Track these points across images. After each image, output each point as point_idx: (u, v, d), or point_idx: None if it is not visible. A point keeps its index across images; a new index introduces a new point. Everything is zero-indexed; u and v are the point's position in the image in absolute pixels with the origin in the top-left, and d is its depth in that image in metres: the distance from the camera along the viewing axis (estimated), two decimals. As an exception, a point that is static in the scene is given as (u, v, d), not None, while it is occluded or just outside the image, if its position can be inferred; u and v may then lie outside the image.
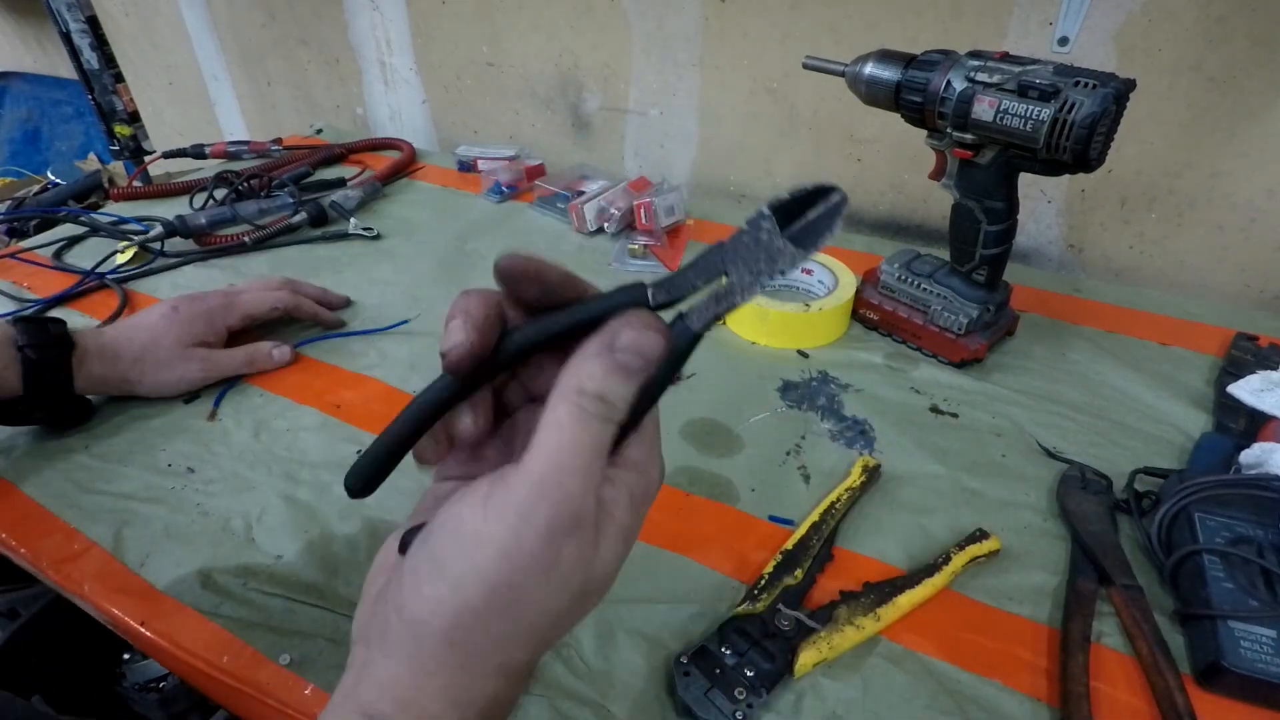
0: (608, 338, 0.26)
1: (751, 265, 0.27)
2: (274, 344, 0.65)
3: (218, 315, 0.63)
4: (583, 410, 0.24)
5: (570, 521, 0.24)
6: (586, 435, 0.24)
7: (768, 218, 0.26)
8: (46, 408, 0.56)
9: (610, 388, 0.25)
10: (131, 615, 0.44)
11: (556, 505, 0.23)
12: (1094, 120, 0.50)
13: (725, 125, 0.99)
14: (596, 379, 0.25)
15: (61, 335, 0.55)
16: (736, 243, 0.27)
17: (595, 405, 0.25)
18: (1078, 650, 0.41)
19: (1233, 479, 0.48)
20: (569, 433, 0.24)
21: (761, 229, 0.26)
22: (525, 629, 0.25)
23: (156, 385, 0.59)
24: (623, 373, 0.25)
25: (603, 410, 0.25)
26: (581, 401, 0.24)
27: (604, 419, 0.25)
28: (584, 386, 0.25)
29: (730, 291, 0.27)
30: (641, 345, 0.26)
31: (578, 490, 0.24)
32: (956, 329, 0.64)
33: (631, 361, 0.25)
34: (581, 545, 0.24)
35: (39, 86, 1.86)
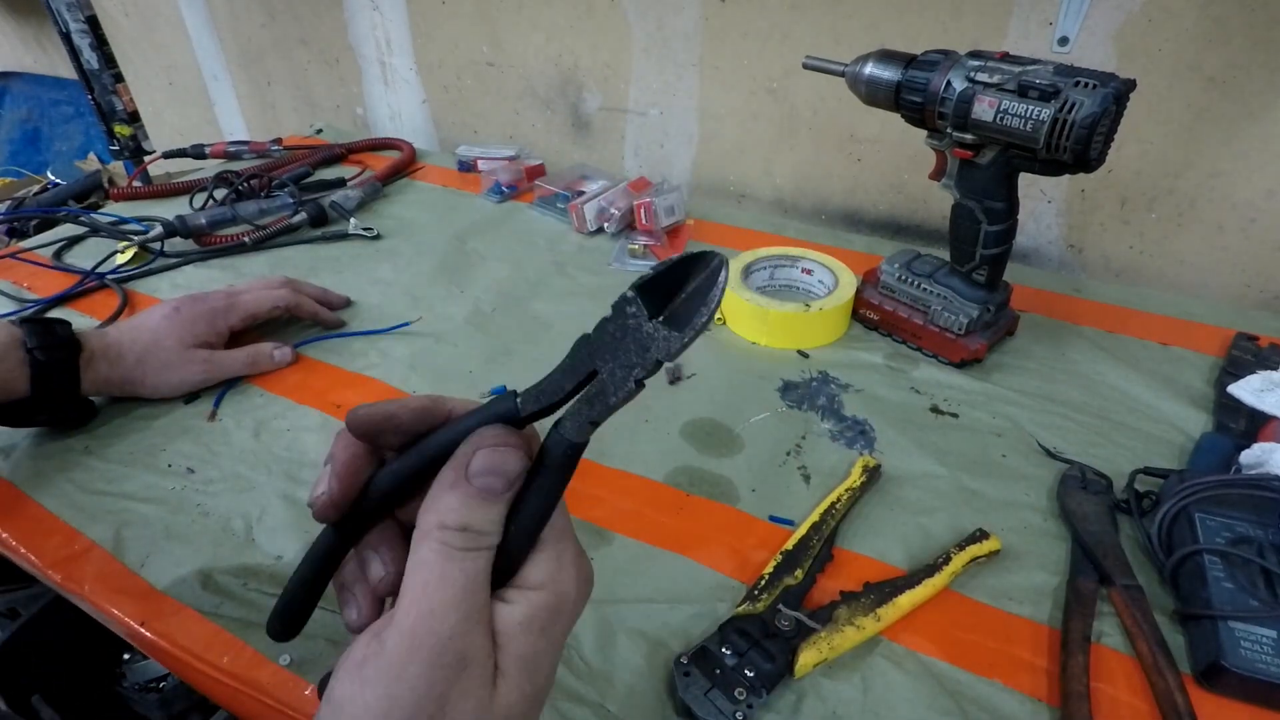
0: (461, 463, 0.24)
1: (622, 359, 0.24)
2: (275, 345, 0.65)
3: (219, 316, 0.63)
4: (446, 546, 0.23)
5: (452, 666, 0.22)
6: (456, 571, 0.23)
7: (632, 301, 0.24)
8: (51, 409, 0.56)
9: (473, 517, 0.24)
10: (132, 615, 0.44)
11: (432, 652, 0.22)
12: (1094, 120, 0.50)
13: (725, 125, 0.99)
14: (456, 510, 0.24)
15: (69, 337, 0.55)
16: (602, 333, 0.24)
17: (460, 538, 0.23)
18: (1078, 650, 0.41)
19: (1233, 479, 0.48)
20: (436, 572, 0.23)
21: (628, 315, 0.24)
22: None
23: (159, 386, 0.59)
24: (483, 498, 0.24)
25: (469, 540, 0.23)
26: (444, 537, 0.23)
27: (472, 549, 0.23)
28: (444, 521, 0.23)
29: (603, 392, 0.24)
30: (498, 465, 0.24)
31: (454, 630, 0.22)
32: (956, 329, 0.64)
33: (491, 484, 0.24)
34: (471, 687, 0.22)
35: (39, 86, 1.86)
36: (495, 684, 0.23)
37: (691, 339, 0.23)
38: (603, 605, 0.45)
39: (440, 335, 0.69)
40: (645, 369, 0.24)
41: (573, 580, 0.26)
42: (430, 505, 0.24)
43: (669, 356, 0.23)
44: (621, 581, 0.46)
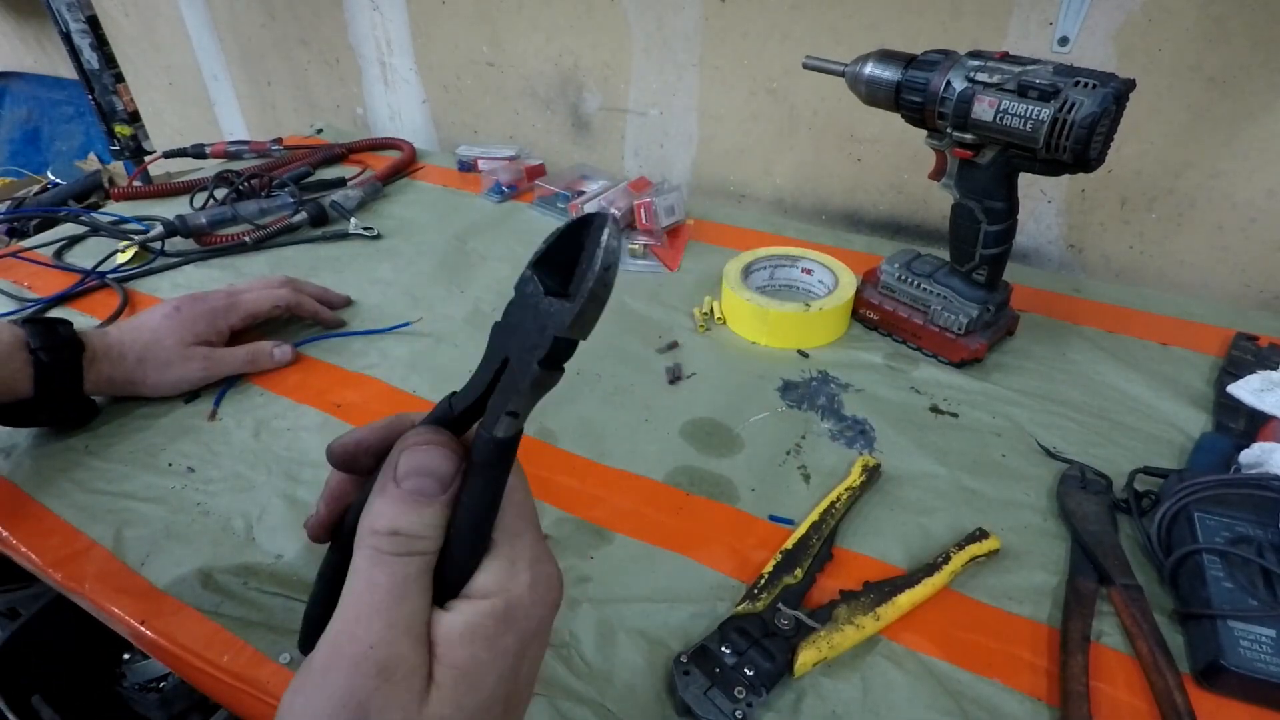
0: (389, 467, 0.24)
1: (525, 339, 0.22)
2: (275, 343, 0.65)
3: (220, 315, 0.63)
4: (375, 551, 0.22)
5: (372, 674, 0.21)
6: (382, 576, 0.22)
7: (529, 279, 0.22)
8: (54, 409, 0.56)
9: (402, 521, 0.23)
10: (132, 614, 0.44)
11: (352, 660, 0.21)
12: (1094, 120, 0.50)
13: (725, 125, 0.99)
14: (385, 515, 0.23)
15: (72, 337, 0.55)
16: (508, 317, 0.23)
17: (388, 543, 0.23)
18: (1077, 650, 0.41)
19: (1233, 479, 0.48)
20: (363, 578, 0.22)
21: (526, 294, 0.23)
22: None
23: (159, 385, 0.59)
24: (413, 500, 0.23)
25: (398, 545, 0.23)
26: (373, 542, 0.23)
27: (403, 554, 0.23)
28: (374, 526, 0.23)
29: (511, 379, 0.23)
30: (424, 465, 0.24)
31: (377, 638, 0.21)
32: (956, 329, 0.64)
33: (421, 485, 0.23)
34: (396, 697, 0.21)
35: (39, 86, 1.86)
36: (426, 695, 0.22)
37: (583, 307, 0.21)
38: (603, 604, 0.45)
39: (440, 335, 0.69)
40: (544, 348, 0.22)
41: (525, 586, 0.24)
42: (364, 512, 0.24)
43: (564, 330, 0.21)
44: (621, 581, 0.46)
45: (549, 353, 0.22)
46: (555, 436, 0.58)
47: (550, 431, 0.58)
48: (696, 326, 0.71)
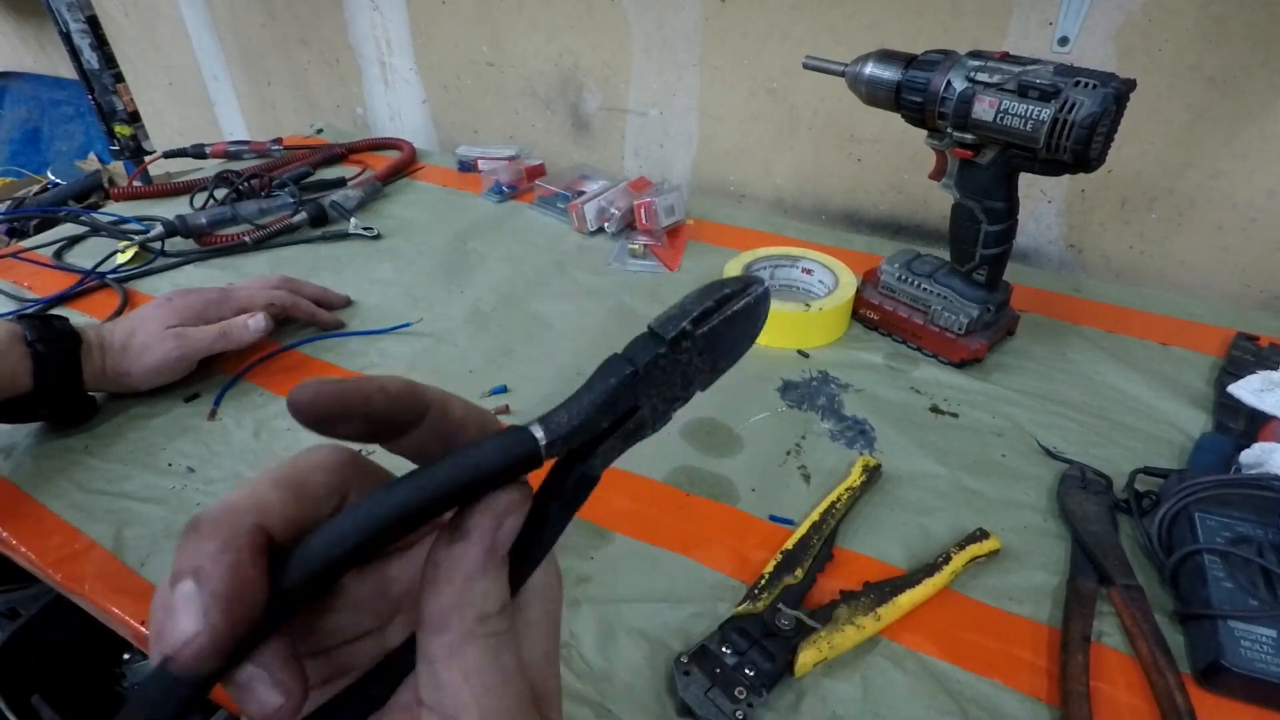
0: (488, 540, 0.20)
1: (666, 393, 0.22)
2: (249, 315, 0.64)
3: (211, 307, 0.63)
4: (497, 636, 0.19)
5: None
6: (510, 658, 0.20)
7: (689, 332, 0.22)
8: (53, 404, 0.56)
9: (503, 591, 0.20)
10: (132, 614, 0.44)
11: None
12: (1094, 120, 0.50)
13: (725, 125, 0.99)
14: (496, 595, 0.20)
15: (69, 331, 0.55)
16: (653, 368, 0.22)
17: (503, 622, 0.20)
18: (1078, 650, 0.41)
19: (1233, 479, 0.48)
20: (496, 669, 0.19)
21: (682, 349, 0.22)
22: None
23: (143, 372, 0.58)
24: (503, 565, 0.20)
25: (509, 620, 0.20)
26: (492, 628, 0.19)
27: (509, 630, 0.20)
28: (488, 611, 0.19)
29: (641, 426, 0.22)
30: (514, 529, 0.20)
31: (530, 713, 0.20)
32: (957, 329, 0.64)
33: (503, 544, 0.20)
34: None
35: (39, 86, 1.86)
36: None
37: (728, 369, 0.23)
38: (603, 605, 0.45)
39: (440, 335, 0.69)
40: (684, 401, 0.23)
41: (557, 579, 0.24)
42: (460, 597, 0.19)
43: (706, 388, 0.23)
44: (622, 581, 0.46)
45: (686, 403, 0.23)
46: (555, 436, 0.58)
47: (550, 431, 0.58)
48: (696, 326, 0.71)
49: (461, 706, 0.19)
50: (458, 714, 0.19)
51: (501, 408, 0.60)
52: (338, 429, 0.19)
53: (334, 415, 0.19)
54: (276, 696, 0.17)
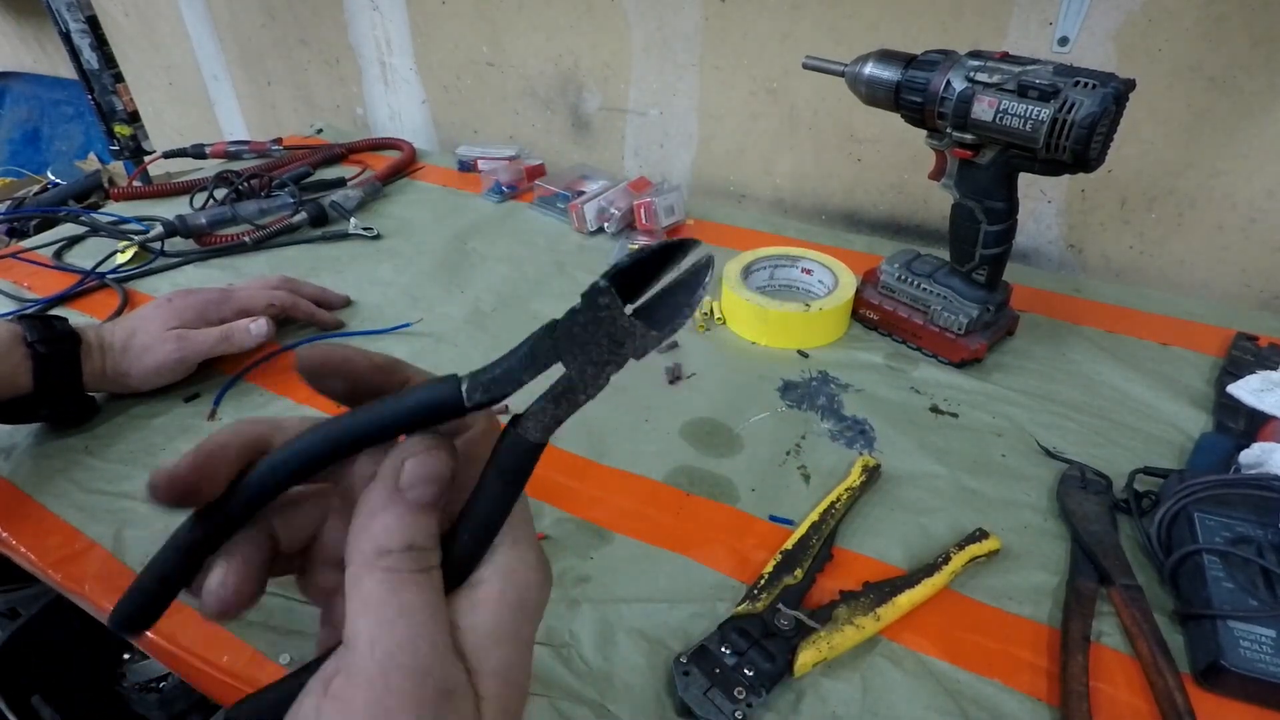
0: (390, 479, 0.22)
1: (593, 354, 0.22)
2: (251, 319, 0.63)
3: (211, 308, 0.62)
4: (395, 572, 0.21)
5: (436, 701, 0.20)
6: (414, 597, 0.20)
7: (606, 291, 0.21)
8: (53, 404, 0.56)
9: (419, 534, 0.21)
10: (132, 615, 0.44)
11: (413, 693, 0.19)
12: (1094, 120, 0.50)
13: (725, 125, 0.99)
14: (398, 530, 0.21)
15: (69, 331, 0.55)
16: (571, 325, 0.22)
17: (409, 560, 0.21)
18: (1077, 650, 0.41)
19: (1232, 479, 0.48)
20: (393, 603, 0.20)
21: (600, 306, 0.21)
22: None
23: (143, 373, 0.58)
24: (421, 510, 0.22)
25: (418, 560, 0.21)
26: (391, 563, 0.21)
27: (426, 568, 0.21)
28: (386, 545, 0.21)
29: (571, 389, 0.22)
30: (431, 472, 0.22)
31: (429, 662, 0.20)
32: (956, 329, 0.64)
33: (425, 494, 0.22)
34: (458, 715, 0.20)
35: (39, 86, 1.86)
36: (480, 711, 0.21)
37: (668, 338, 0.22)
38: (603, 605, 0.45)
39: (440, 335, 0.69)
40: (618, 365, 0.22)
41: (534, 568, 0.24)
42: (362, 531, 0.21)
43: (646, 351, 0.22)
44: (621, 581, 0.46)
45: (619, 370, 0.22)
46: (555, 437, 0.58)
47: (550, 431, 0.58)
48: (696, 326, 0.71)
49: (355, 633, 0.20)
50: (353, 641, 0.20)
51: (501, 407, 0.60)
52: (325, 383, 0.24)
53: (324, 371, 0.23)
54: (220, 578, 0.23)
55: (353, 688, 0.19)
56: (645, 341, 0.22)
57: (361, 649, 0.20)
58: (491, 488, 0.23)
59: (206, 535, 0.24)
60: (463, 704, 0.20)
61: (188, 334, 0.60)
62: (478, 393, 0.22)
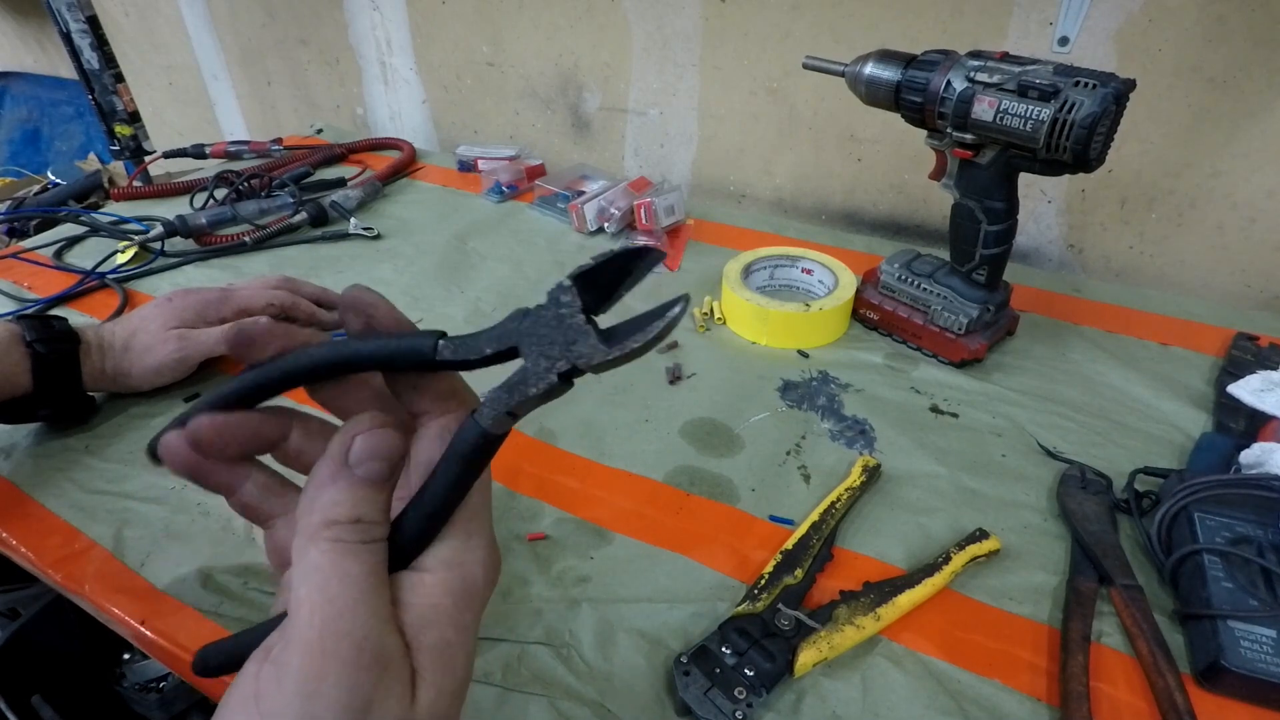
0: (339, 453, 0.23)
1: (546, 349, 0.23)
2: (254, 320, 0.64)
3: (211, 307, 0.62)
4: (340, 543, 0.21)
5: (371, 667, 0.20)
6: (356, 566, 0.21)
7: (568, 290, 0.22)
8: (53, 404, 0.55)
9: (365, 508, 0.22)
10: (132, 614, 0.44)
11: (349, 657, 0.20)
12: (1094, 120, 0.50)
13: (725, 125, 0.99)
14: (344, 503, 0.22)
15: (68, 330, 0.55)
16: (537, 316, 0.23)
17: (354, 531, 0.22)
18: (1078, 650, 0.41)
19: (1233, 479, 0.48)
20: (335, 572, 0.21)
21: (561, 304, 0.23)
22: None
23: (144, 372, 0.58)
24: (369, 485, 0.23)
25: (363, 533, 0.22)
26: (337, 534, 0.22)
27: (368, 541, 0.22)
28: (333, 517, 0.22)
29: (523, 381, 0.23)
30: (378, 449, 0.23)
31: (367, 629, 0.20)
32: (956, 329, 0.64)
33: (375, 470, 0.23)
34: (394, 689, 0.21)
35: (39, 86, 1.86)
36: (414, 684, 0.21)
37: (619, 359, 0.22)
38: (603, 604, 0.45)
39: (440, 335, 0.69)
40: (567, 364, 0.23)
41: (481, 563, 0.24)
42: (311, 504, 0.22)
43: (589, 366, 0.23)
44: (621, 581, 0.46)
45: (568, 372, 0.23)
46: (555, 436, 0.58)
47: (550, 431, 0.58)
48: (696, 326, 0.71)
49: (298, 601, 0.21)
50: (296, 609, 0.21)
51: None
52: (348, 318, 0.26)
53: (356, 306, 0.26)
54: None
55: (290, 653, 0.20)
56: (594, 351, 0.22)
57: (302, 616, 0.20)
58: (443, 471, 0.24)
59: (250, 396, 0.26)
60: (397, 675, 0.21)
61: (189, 334, 0.60)
62: (447, 351, 0.24)
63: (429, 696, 0.21)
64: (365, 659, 0.20)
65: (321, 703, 0.20)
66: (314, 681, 0.20)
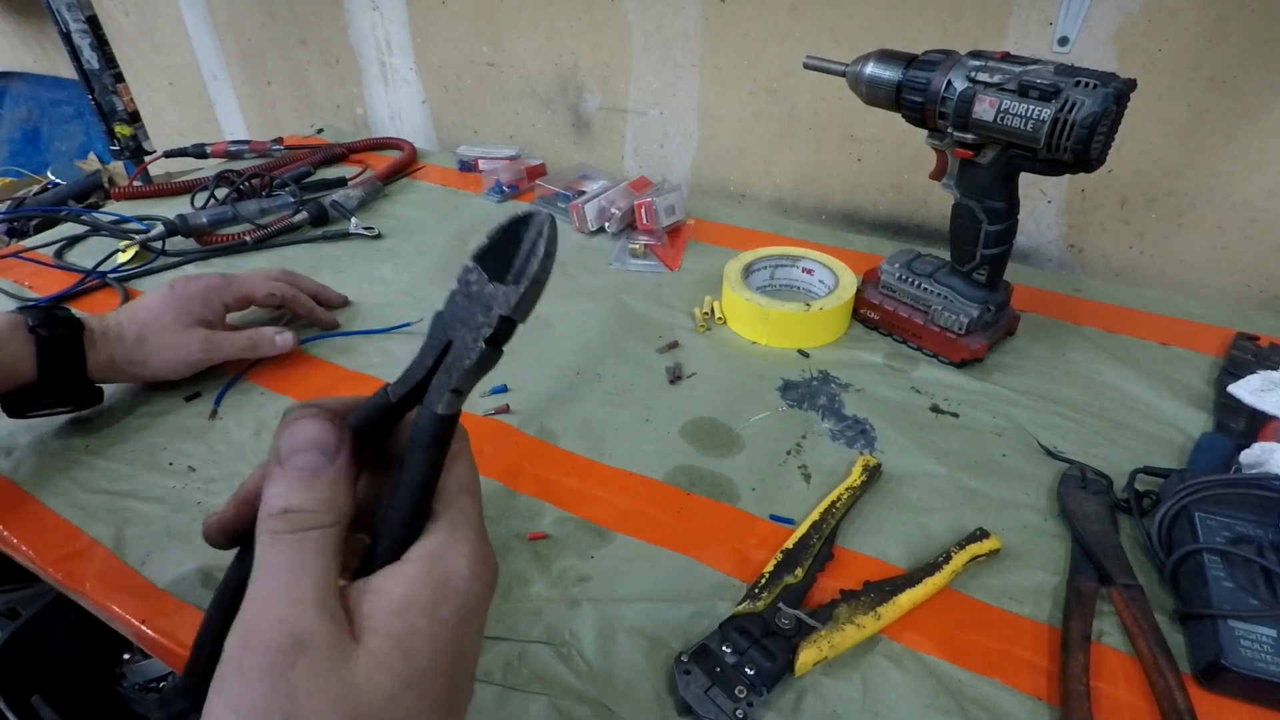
0: (273, 455, 0.25)
1: (470, 324, 0.25)
2: (277, 330, 0.64)
3: (214, 293, 0.62)
4: (270, 534, 0.23)
5: (287, 649, 0.21)
6: (280, 555, 0.23)
7: (473, 269, 0.26)
8: (58, 392, 0.55)
9: (294, 498, 0.24)
10: (133, 613, 0.44)
11: (265, 641, 0.21)
12: (1094, 120, 0.50)
13: (725, 125, 0.99)
14: (275, 497, 0.24)
15: (70, 316, 0.55)
16: (452, 305, 0.26)
17: (280, 522, 0.23)
18: (1078, 649, 0.41)
19: (1233, 478, 0.48)
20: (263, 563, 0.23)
21: (470, 282, 0.26)
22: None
23: (160, 366, 0.59)
24: (302, 477, 0.24)
25: (290, 523, 0.23)
26: (267, 526, 0.23)
27: (296, 530, 0.23)
28: (267, 509, 0.24)
29: (457, 358, 0.25)
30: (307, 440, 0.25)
31: (284, 615, 0.21)
32: (957, 329, 0.64)
33: (308, 461, 0.24)
34: (318, 667, 0.21)
35: (39, 86, 1.86)
36: (353, 662, 0.22)
37: (528, 289, 0.25)
38: (603, 604, 0.45)
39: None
40: (490, 327, 0.25)
41: (465, 555, 0.25)
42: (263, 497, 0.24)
43: (509, 310, 0.25)
44: (622, 580, 0.46)
45: (494, 332, 0.25)
46: (555, 436, 0.58)
47: (550, 431, 0.58)
48: (697, 326, 0.71)
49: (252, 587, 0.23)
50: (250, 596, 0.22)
51: (502, 407, 0.60)
52: None
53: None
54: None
55: (232, 636, 0.22)
56: (507, 297, 0.25)
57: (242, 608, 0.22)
58: (409, 462, 0.26)
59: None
60: (323, 654, 0.21)
61: (214, 336, 0.61)
62: (398, 389, 0.26)
63: (375, 677, 0.22)
64: (282, 641, 0.21)
65: (242, 682, 0.21)
66: (237, 663, 0.21)
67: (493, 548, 0.27)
